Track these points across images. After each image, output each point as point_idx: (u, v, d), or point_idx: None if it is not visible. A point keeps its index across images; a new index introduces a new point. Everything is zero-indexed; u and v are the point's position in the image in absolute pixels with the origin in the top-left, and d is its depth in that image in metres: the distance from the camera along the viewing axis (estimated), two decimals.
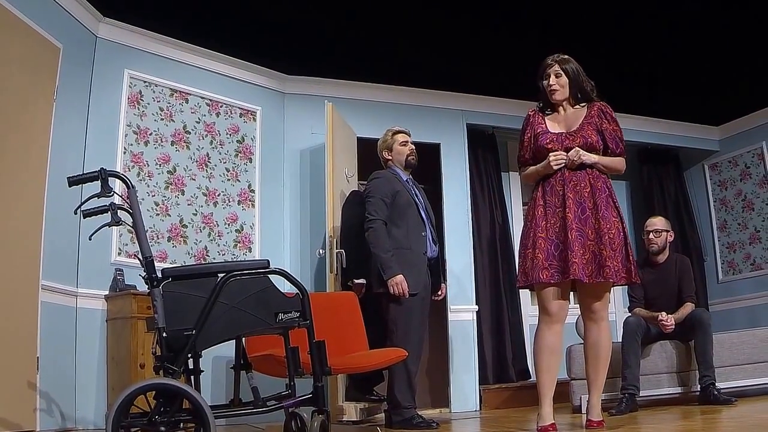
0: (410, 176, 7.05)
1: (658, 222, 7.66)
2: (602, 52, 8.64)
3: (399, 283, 6.38)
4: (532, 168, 5.36)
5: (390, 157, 7.04)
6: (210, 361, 6.78)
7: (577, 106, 5.43)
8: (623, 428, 5.34)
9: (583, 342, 5.43)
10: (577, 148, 5.15)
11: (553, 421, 5.03)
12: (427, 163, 8.36)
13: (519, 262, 5.28)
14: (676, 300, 7.38)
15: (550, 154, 5.16)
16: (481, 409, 8.90)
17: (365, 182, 7.09)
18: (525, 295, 10.20)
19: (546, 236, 5.10)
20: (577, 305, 5.36)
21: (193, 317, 3.71)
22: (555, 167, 5.15)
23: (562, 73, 5.36)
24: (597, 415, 5.20)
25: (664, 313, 7.12)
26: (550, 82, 5.35)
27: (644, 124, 10.97)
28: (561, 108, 5.42)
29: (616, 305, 10.56)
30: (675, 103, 10.58)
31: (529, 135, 5.39)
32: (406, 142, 7.06)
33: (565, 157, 5.13)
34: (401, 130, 7.13)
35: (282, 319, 3.88)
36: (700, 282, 10.92)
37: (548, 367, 5.15)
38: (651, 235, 7.54)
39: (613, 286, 5.29)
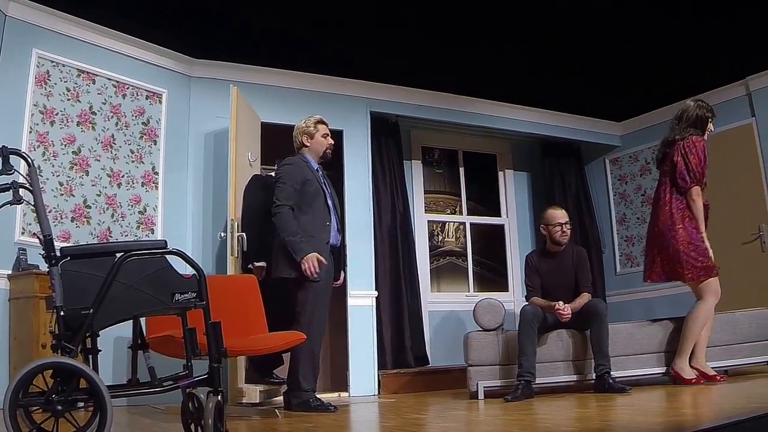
0: (320, 166, 7.14)
1: (562, 214, 7.71)
2: (508, 45, 8.80)
3: (313, 260, 6.48)
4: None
5: (308, 144, 7.10)
6: (111, 341, 6.79)
7: None
8: (519, 414, 5.49)
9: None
10: None
11: None
12: None
13: (704, 255, 7.02)
14: (573, 290, 7.56)
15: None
16: (379, 393, 9.01)
17: (268, 167, 7.15)
18: (425, 282, 10.38)
19: None
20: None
21: (92, 296, 3.72)
22: None
23: None
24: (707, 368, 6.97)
25: (561, 302, 7.26)
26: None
27: (548, 117, 11.26)
28: None
29: (515, 294, 10.80)
30: (579, 98, 10.78)
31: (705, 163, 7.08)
32: (327, 134, 7.16)
33: None
34: (324, 120, 7.23)
35: (178, 299, 3.91)
36: (599, 273, 11.20)
37: None
38: (564, 228, 7.60)
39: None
